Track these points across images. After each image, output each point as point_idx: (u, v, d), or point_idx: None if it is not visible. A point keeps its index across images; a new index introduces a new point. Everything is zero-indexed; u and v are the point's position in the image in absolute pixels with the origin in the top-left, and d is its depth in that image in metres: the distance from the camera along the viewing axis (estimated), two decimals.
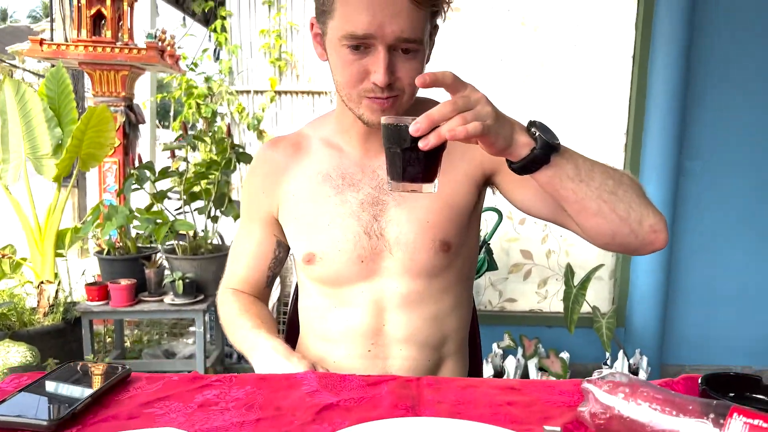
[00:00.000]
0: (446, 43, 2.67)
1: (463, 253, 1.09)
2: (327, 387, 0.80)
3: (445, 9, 0.94)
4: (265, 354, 0.98)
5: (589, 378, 0.72)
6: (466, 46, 2.69)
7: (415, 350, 1.07)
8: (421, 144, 0.71)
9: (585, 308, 2.57)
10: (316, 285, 1.10)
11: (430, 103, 1.11)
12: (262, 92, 5.51)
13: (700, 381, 0.80)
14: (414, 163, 0.75)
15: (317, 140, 1.10)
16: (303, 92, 5.65)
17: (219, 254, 2.75)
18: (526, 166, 0.79)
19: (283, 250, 1.16)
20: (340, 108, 1.04)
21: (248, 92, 5.63)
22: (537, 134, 0.78)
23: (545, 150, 0.78)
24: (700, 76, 2.70)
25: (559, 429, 0.66)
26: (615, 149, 2.77)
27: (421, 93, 0.98)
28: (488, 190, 1.12)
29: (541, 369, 2.58)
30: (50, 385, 0.74)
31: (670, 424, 0.62)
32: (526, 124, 0.81)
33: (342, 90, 0.94)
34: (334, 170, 1.06)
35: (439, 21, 0.97)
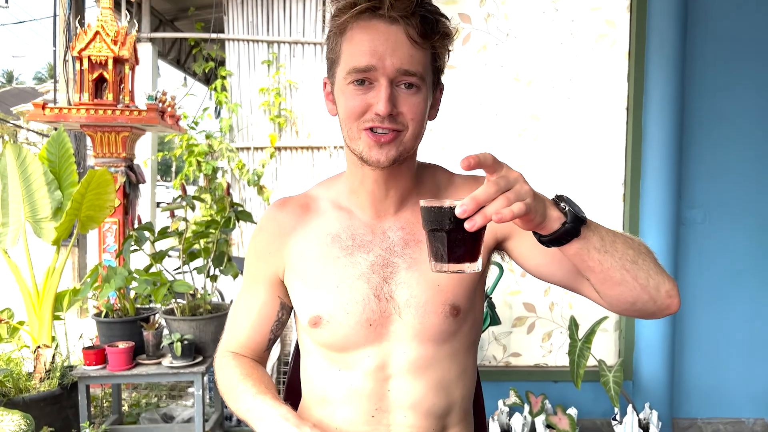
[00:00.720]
0: (443, 99, 2.71)
1: (470, 318, 1.07)
2: None
3: (448, 51, 0.99)
4: (274, 424, 0.94)
5: None
6: (462, 102, 2.73)
7: (419, 418, 1.04)
8: (467, 225, 0.72)
9: (591, 361, 2.52)
10: (319, 348, 1.07)
11: (439, 170, 1.12)
12: (262, 148, 5.59)
13: None
14: (459, 245, 0.76)
15: (326, 202, 1.10)
16: (303, 148, 5.72)
17: (218, 314, 2.72)
18: (556, 239, 0.81)
19: (285, 312, 1.14)
20: (349, 168, 1.05)
21: (248, 149, 5.70)
22: (567, 209, 0.80)
23: (575, 223, 0.80)
24: (695, 124, 2.72)
25: None
26: (613, 200, 2.77)
27: (428, 143, 0.98)
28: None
29: (548, 426, 2.51)
30: None
31: None
32: (552, 198, 0.83)
33: (345, 125, 0.96)
34: (343, 231, 1.06)
35: (442, 78, 1.02)
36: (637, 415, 2.53)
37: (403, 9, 0.90)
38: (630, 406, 2.52)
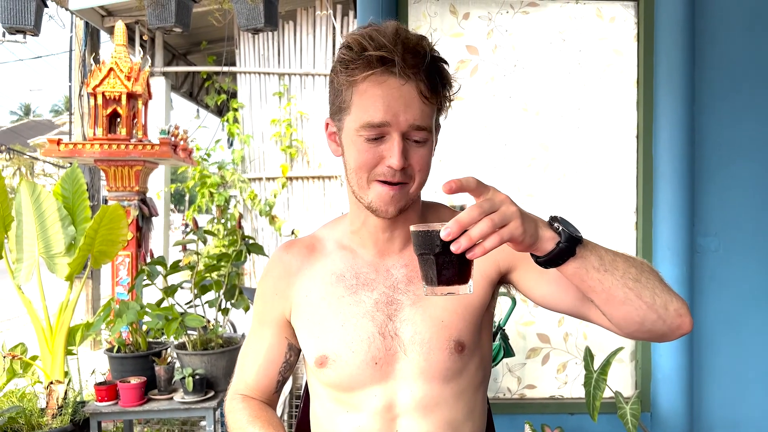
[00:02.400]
0: (451, 131, 2.72)
1: (477, 356, 1.06)
2: None
3: (448, 106, 1.02)
4: None
5: None
6: (470, 133, 2.73)
7: None
8: (453, 248, 0.74)
9: (608, 393, 2.47)
10: (327, 389, 1.08)
11: (442, 208, 1.14)
12: (273, 179, 5.65)
13: None
14: (447, 267, 0.78)
15: (332, 242, 1.12)
16: (314, 177, 5.77)
17: (229, 348, 2.71)
18: (552, 260, 0.82)
19: (293, 353, 1.15)
20: (352, 209, 1.07)
21: (260, 179, 5.74)
22: (560, 228, 0.81)
23: (570, 243, 0.81)
24: (706, 151, 2.70)
25: None
26: (626, 228, 2.75)
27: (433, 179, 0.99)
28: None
29: None
30: None
31: None
32: (547, 219, 0.84)
33: (354, 176, 0.98)
34: (347, 271, 1.07)
35: (441, 119, 1.04)
36: None
37: (415, 66, 0.93)
38: None
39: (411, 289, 1.04)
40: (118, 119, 3.71)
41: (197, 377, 2.56)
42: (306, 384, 1.26)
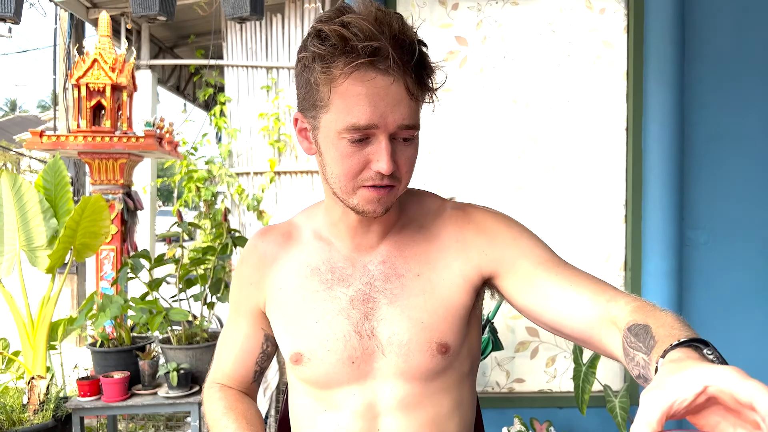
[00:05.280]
0: (440, 123, 2.69)
1: (463, 353, 1.02)
2: None
3: (434, 98, 0.94)
4: None
5: None
6: (459, 125, 2.71)
7: None
8: None
9: (597, 386, 2.46)
10: (304, 386, 1.03)
11: (428, 197, 1.09)
12: (261, 173, 5.59)
13: None
14: None
15: (308, 231, 1.06)
16: (302, 172, 5.72)
17: (214, 342, 2.67)
18: None
19: (271, 344, 1.11)
20: (328, 201, 1.01)
21: (248, 174, 5.69)
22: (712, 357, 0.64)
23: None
24: (696, 144, 2.70)
25: None
26: (615, 222, 2.74)
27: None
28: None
29: None
30: None
31: None
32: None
33: (337, 182, 0.90)
34: (323, 264, 1.01)
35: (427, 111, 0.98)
36: None
37: (404, 61, 0.84)
38: None
39: (388, 288, 0.98)
40: (103, 111, 3.65)
41: (182, 372, 2.52)
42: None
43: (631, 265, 2.73)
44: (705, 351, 0.64)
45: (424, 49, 0.88)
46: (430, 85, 0.90)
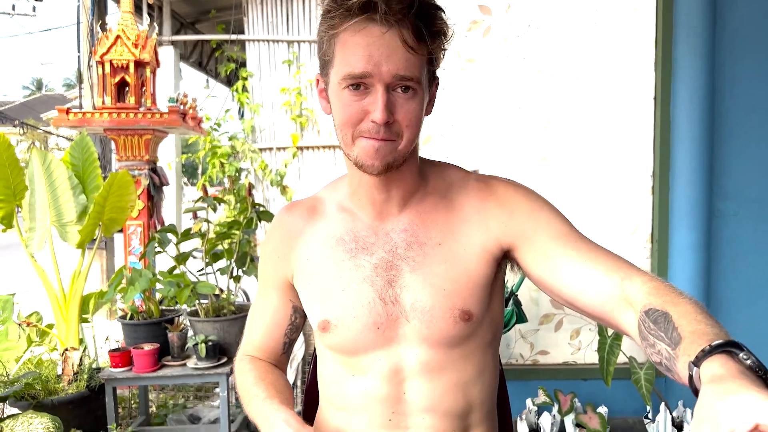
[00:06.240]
0: (463, 95, 2.66)
1: (486, 321, 1.03)
2: None
3: (441, 57, 0.95)
4: (276, 427, 0.93)
5: None
6: (483, 96, 2.68)
7: (438, 419, 1.01)
8: None
9: (621, 358, 2.45)
10: (332, 353, 1.06)
11: (452, 168, 1.09)
12: (284, 149, 5.61)
13: None
14: None
15: (332, 204, 1.09)
16: (325, 147, 5.72)
17: (242, 315, 2.72)
18: None
19: (299, 316, 1.14)
20: (348, 169, 1.03)
21: (271, 149, 5.70)
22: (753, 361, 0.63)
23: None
24: (726, 114, 2.63)
25: None
26: (642, 192, 2.70)
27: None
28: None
29: (578, 425, 2.45)
30: None
31: None
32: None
33: (340, 132, 0.94)
34: (347, 234, 1.04)
35: (439, 72, 0.98)
36: (671, 414, 2.45)
37: (398, 12, 0.86)
38: (663, 404, 2.45)
39: (410, 255, 1.00)
40: (127, 88, 3.67)
41: (210, 344, 2.57)
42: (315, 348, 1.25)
43: (657, 238, 2.69)
44: (741, 356, 0.63)
45: (435, 11, 0.90)
46: (431, 39, 0.90)
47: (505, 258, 1.03)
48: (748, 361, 0.63)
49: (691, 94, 2.58)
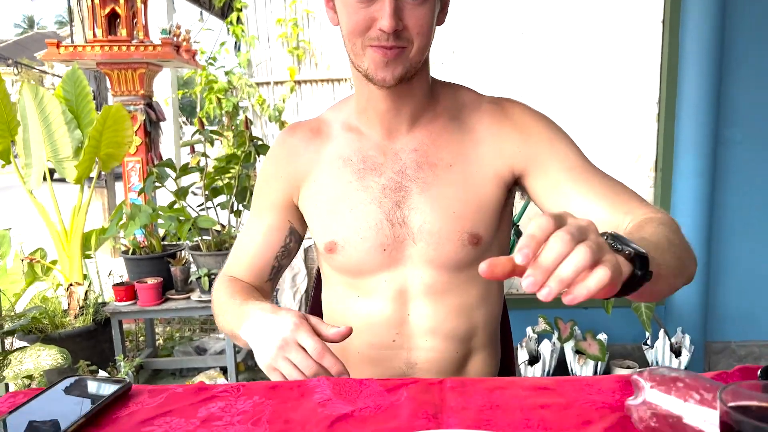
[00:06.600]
0: (466, 17, 2.56)
1: (494, 246, 1.02)
2: (341, 395, 0.73)
3: None
4: (253, 317, 0.87)
5: (639, 371, 0.65)
6: (486, 20, 2.58)
7: (441, 342, 1.02)
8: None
9: None
10: (338, 275, 1.05)
11: (464, 89, 1.05)
12: (281, 83, 5.47)
13: (759, 373, 0.71)
14: None
15: (338, 124, 1.05)
16: (323, 80, 5.58)
17: None
18: (625, 291, 0.63)
19: (294, 239, 1.10)
20: (356, 84, 0.99)
21: (268, 84, 5.58)
22: (630, 252, 0.61)
23: (645, 268, 0.62)
24: (735, 40, 2.54)
25: None
26: (647, 119, 2.64)
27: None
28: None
29: (578, 352, 2.49)
30: (42, 406, 0.70)
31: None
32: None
33: (348, 42, 0.90)
34: (354, 154, 1.01)
35: None
36: (669, 340, 2.49)
37: None
38: (662, 330, 2.48)
39: (420, 176, 0.98)
40: (118, 20, 3.55)
41: (213, 277, 2.58)
42: (317, 274, 1.23)
43: (662, 166, 2.66)
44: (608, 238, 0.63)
45: None
46: None
47: (515, 184, 1.01)
48: (608, 239, 0.62)
49: (701, 18, 2.49)
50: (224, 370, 2.78)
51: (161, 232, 3.18)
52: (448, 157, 0.98)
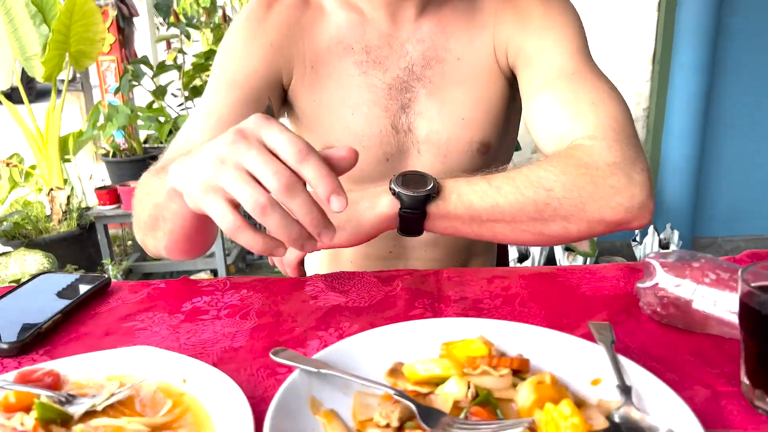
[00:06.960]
0: None
1: (502, 150, 0.93)
2: (333, 287, 0.70)
3: None
4: (186, 157, 0.55)
5: (653, 254, 0.61)
6: None
7: (441, 251, 0.95)
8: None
9: None
10: None
11: None
12: None
13: None
14: None
15: None
16: None
17: None
18: (404, 230, 0.69)
19: None
20: None
21: None
22: (398, 191, 0.65)
23: (414, 208, 0.66)
24: None
25: (608, 324, 0.55)
26: (646, 9, 2.52)
27: None
28: None
29: (567, 249, 2.51)
30: (17, 302, 0.66)
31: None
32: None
33: None
34: (356, 42, 0.87)
35: None
36: (658, 236, 2.50)
37: None
38: (651, 227, 2.49)
39: (428, 75, 0.86)
40: None
41: None
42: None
43: (660, 58, 2.56)
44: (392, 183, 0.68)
45: None
46: None
47: (515, 77, 0.88)
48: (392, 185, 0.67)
49: None
50: (215, 273, 2.78)
51: (142, 135, 3.08)
52: (457, 47, 0.87)
